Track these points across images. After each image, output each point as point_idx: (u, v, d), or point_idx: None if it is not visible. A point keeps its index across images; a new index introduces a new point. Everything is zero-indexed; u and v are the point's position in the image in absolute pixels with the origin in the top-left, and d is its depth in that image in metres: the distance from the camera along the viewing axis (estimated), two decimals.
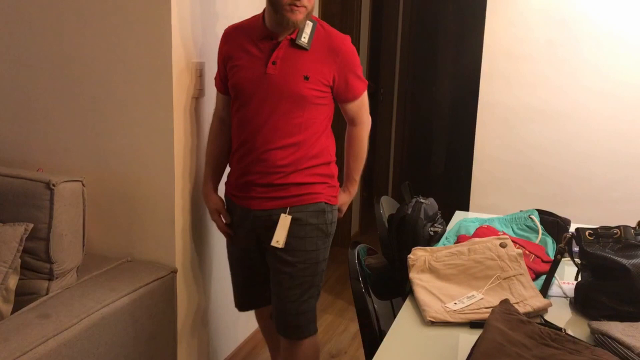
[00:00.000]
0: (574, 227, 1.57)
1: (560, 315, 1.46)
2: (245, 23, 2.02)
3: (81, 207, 2.04)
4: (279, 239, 1.93)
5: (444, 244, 1.88)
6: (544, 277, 1.57)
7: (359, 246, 1.77)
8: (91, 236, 2.24)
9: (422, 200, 2.00)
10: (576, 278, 1.55)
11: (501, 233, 1.84)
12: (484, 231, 1.84)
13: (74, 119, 2.23)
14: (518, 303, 1.43)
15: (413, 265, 1.61)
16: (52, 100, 2.25)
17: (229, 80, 1.98)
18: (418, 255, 1.63)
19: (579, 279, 1.53)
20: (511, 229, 1.96)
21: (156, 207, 2.19)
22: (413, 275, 1.58)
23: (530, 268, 1.62)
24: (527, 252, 1.71)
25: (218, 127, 2.13)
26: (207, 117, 2.23)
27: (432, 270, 1.58)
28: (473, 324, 1.37)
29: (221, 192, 2.16)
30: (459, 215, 2.32)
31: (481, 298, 1.46)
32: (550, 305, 1.46)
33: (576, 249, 1.53)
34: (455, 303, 1.44)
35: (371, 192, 4.78)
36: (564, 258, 1.56)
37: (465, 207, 2.86)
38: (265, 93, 1.89)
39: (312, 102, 1.90)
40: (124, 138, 2.18)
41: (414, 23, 4.84)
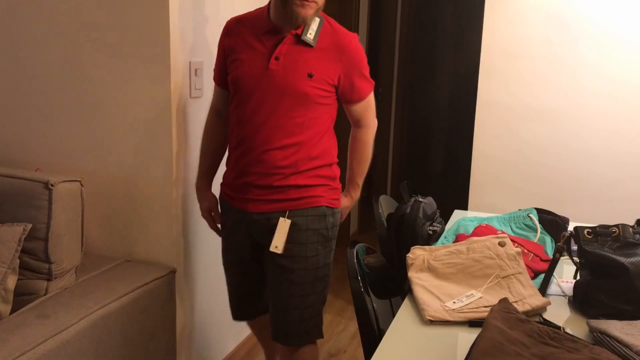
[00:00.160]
0: (573, 226, 1.57)
1: (559, 313, 1.46)
2: (248, 15, 1.94)
3: (80, 207, 2.04)
4: (278, 244, 1.85)
5: (443, 243, 1.89)
6: (543, 276, 1.57)
7: (358, 245, 1.77)
8: (90, 236, 2.24)
9: (421, 199, 2.01)
10: (575, 277, 1.56)
11: (500, 232, 1.84)
12: (483, 230, 1.84)
13: (73, 119, 2.23)
14: (517, 302, 1.43)
15: (412, 264, 1.61)
16: (51, 100, 2.25)
17: (229, 74, 1.90)
18: (417, 254, 1.63)
19: (578, 278, 1.53)
20: (510, 228, 1.96)
21: (155, 207, 2.18)
22: (412, 274, 1.58)
23: (529, 267, 1.63)
24: (526, 251, 1.71)
25: (214, 122, 2.06)
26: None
27: (431, 269, 1.58)
28: (472, 323, 1.38)
29: (215, 191, 2.12)
30: (458, 214, 2.32)
31: (480, 297, 1.46)
32: (549, 303, 1.46)
33: (575, 248, 1.53)
34: (454, 302, 1.44)
35: (370, 192, 4.78)
36: (563, 257, 1.56)
37: (464, 206, 2.86)
38: (266, 90, 1.81)
39: (315, 101, 1.82)
40: (123, 138, 2.18)
41: (413, 22, 4.83)
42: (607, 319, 1.33)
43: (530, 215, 1.96)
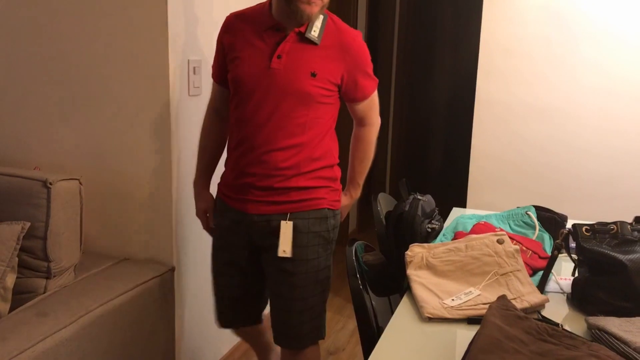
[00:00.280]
0: (571, 223, 1.58)
1: (557, 310, 1.47)
2: (249, 11, 1.86)
3: (78, 206, 2.04)
4: (286, 249, 1.80)
5: (442, 241, 1.89)
6: (541, 273, 1.57)
7: (357, 243, 1.77)
8: (89, 234, 2.24)
9: (420, 197, 2.00)
10: (573, 274, 1.56)
11: (498, 229, 1.84)
12: (481, 227, 1.84)
13: (71, 118, 2.23)
14: (515, 299, 1.43)
15: (410, 261, 1.61)
16: (49, 99, 2.25)
17: (229, 73, 1.83)
18: (415, 251, 1.63)
19: (576, 275, 1.53)
20: (508, 226, 1.96)
21: (154, 205, 2.19)
22: (410, 271, 1.58)
23: (527, 264, 1.63)
24: (524, 248, 1.72)
25: (213, 120, 2.00)
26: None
27: (430, 266, 1.58)
28: (470, 320, 1.38)
29: (212, 191, 2.10)
30: (456, 212, 2.32)
31: (478, 294, 1.47)
32: (547, 300, 1.46)
33: (573, 245, 1.53)
34: (452, 299, 1.45)
35: (369, 190, 4.78)
36: (561, 254, 1.57)
37: (462, 204, 2.86)
38: (267, 89, 1.75)
39: (318, 101, 1.77)
40: (121, 136, 2.18)
41: (411, 20, 4.83)
42: (605, 316, 1.34)
43: (528, 212, 1.96)
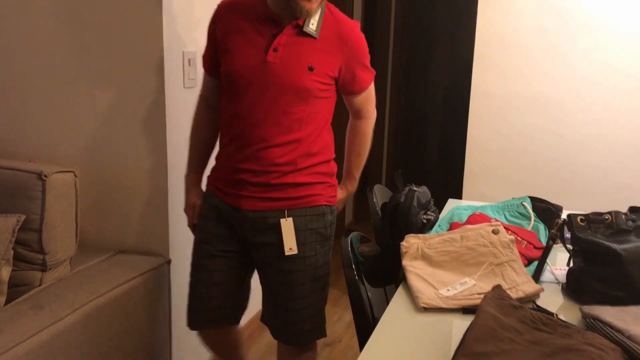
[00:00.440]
0: (566, 214, 1.58)
1: (552, 300, 1.47)
2: (240, 0, 1.78)
3: (74, 198, 2.04)
4: (292, 246, 1.75)
5: (437, 232, 1.89)
6: (536, 263, 1.58)
7: (352, 234, 1.77)
8: (85, 227, 2.24)
9: (415, 188, 2.00)
10: (568, 264, 1.56)
11: (493, 220, 1.84)
12: (477, 218, 1.85)
13: (66, 110, 2.22)
14: (510, 289, 1.44)
15: (406, 252, 1.61)
16: (44, 91, 2.24)
17: (222, 66, 1.77)
18: (411, 242, 1.63)
19: (571, 265, 1.53)
20: (503, 216, 1.96)
21: (149, 197, 2.18)
22: (406, 262, 1.58)
23: (522, 254, 1.63)
24: (520, 239, 1.72)
25: (204, 112, 1.94)
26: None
27: (425, 257, 1.59)
28: (466, 310, 1.38)
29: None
30: (452, 203, 2.32)
31: (474, 284, 1.47)
32: (542, 290, 1.46)
33: (568, 235, 1.54)
34: (447, 289, 1.45)
35: (365, 182, 4.79)
36: (556, 244, 1.57)
37: (458, 196, 2.86)
38: (263, 84, 1.69)
39: (316, 96, 1.72)
40: (116, 129, 2.17)
41: (407, 12, 4.83)
42: (600, 306, 1.34)
43: (524, 203, 1.96)
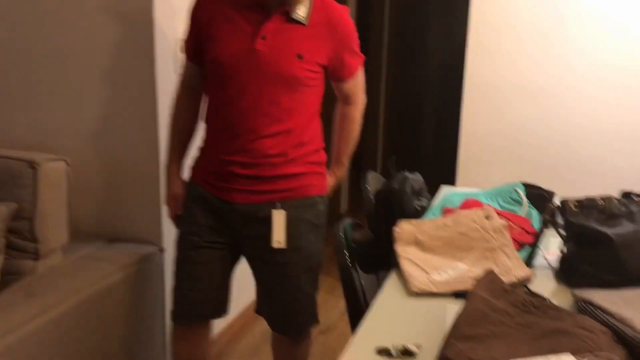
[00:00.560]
0: (559, 199, 1.58)
1: (545, 285, 1.47)
2: None
3: (65, 187, 2.03)
4: (280, 239, 1.72)
5: (430, 218, 1.89)
6: (529, 248, 1.58)
7: (345, 221, 1.77)
8: (78, 216, 2.23)
9: (408, 174, 2.01)
10: (560, 249, 1.57)
11: (486, 206, 1.84)
12: (469, 204, 1.85)
13: (58, 99, 2.21)
14: (502, 273, 1.44)
15: (399, 238, 1.61)
16: (36, 80, 2.22)
17: (207, 54, 1.70)
18: (404, 228, 1.63)
19: (564, 250, 1.54)
20: (497, 202, 1.96)
21: (142, 185, 2.18)
22: (398, 247, 1.59)
23: (515, 240, 1.63)
24: (512, 224, 1.72)
25: (186, 100, 1.85)
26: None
27: (418, 242, 1.59)
28: (457, 294, 1.38)
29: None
30: (445, 189, 2.32)
31: (466, 269, 1.47)
32: (533, 274, 1.47)
33: (561, 221, 1.54)
34: (439, 274, 1.45)
35: (360, 171, 4.80)
36: (549, 229, 1.57)
37: (452, 183, 2.86)
38: (251, 72, 1.63)
39: (305, 84, 1.68)
40: (108, 116, 2.16)
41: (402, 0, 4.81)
42: (592, 289, 1.35)
43: (517, 189, 1.96)
